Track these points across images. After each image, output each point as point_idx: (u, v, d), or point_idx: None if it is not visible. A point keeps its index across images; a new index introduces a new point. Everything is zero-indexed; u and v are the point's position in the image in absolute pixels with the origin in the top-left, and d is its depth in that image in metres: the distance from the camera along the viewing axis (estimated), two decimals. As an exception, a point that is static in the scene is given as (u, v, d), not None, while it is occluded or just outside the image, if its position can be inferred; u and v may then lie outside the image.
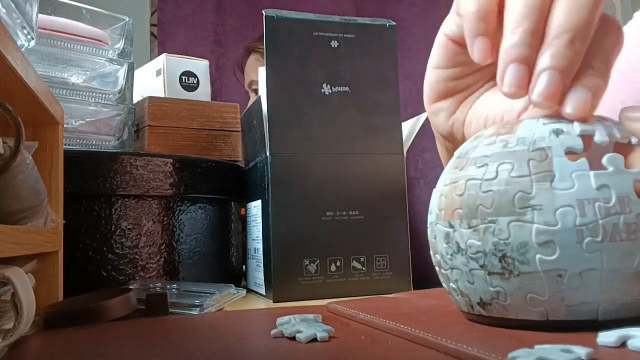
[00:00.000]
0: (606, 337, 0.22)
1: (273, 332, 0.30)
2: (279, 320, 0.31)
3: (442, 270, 0.30)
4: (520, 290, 0.26)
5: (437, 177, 0.37)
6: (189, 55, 0.82)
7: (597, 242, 0.25)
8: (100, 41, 0.62)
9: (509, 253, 0.25)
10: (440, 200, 0.29)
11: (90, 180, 0.54)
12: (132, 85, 0.67)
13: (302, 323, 0.30)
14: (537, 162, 0.26)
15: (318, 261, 0.55)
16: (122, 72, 0.64)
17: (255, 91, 1.41)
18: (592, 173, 0.25)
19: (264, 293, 0.57)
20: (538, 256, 0.25)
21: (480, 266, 0.27)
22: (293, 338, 0.28)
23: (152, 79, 0.81)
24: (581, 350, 0.20)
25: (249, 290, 0.64)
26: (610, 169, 0.25)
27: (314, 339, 0.28)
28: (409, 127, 0.77)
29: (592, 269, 0.25)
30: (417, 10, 2.08)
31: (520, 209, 0.25)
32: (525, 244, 0.25)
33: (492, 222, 0.26)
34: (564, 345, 0.21)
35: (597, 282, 0.25)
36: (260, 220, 0.59)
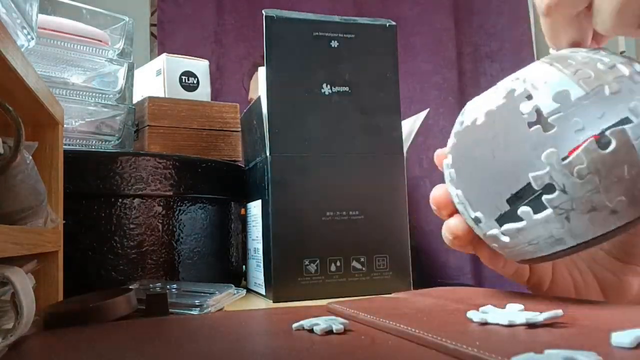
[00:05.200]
0: (621, 338, 0.22)
1: (295, 325, 0.31)
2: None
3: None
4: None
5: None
6: (189, 55, 0.82)
7: None
8: (100, 41, 0.62)
9: None
10: None
11: (90, 180, 0.54)
12: (132, 85, 0.67)
13: (321, 318, 0.32)
14: None
15: (318, 261, 0.55)
16: (122, 72, 0.64)
17: None
18: None
19: (264, 293, 0.57)
20: None
21: None
22: (311, 331, 0.30)
23: (152, 79, 0.81)
24: (590, 359, 0.19)
25: (249, 290, 0.64)
26: None
27: (330, 331, 0.29)
28: (409, 126, 0.77)
29: None
30: (419, 8, 2.07)
31: None
32: None
33: None
34: (572, 350, 0.20)
35: None
36: (260, 220, 0.59)
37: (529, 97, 0.29)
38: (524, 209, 0.30)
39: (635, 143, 0.27)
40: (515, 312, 0.29)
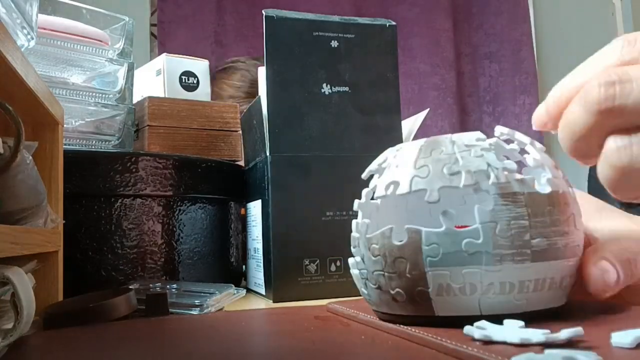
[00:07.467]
0: (621, 338, 0.22)
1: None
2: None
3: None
4: None
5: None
6: (189, 55, 0.82)
7: None
8: (100, 41, 0.62)
9: None
10: None
11: (90, 180, 0.54)
12: (132, 85, 0.67)
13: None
14: None
15: (318, 261, 0.55)
16: (122, 72, 0.64)
17: None
18: None
19: (264, 293, 0.57)
20: None
21: None
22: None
23: (152, 79, 0.81)
24: (589, 359, 0.19)
25: (249, 290, 0.64)
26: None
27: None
28: (409, 126, 0.77)
29: None
30: (418, 9, 2.07)
31: None
32: None
33: None
34: (572, 350, 0.20)
35: None
36: (260, 220, 0.59)
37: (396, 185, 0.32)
38: (351, 261, 0.33)
39: (424, 248, 0.28)
40: (528, 330, 0.25)
